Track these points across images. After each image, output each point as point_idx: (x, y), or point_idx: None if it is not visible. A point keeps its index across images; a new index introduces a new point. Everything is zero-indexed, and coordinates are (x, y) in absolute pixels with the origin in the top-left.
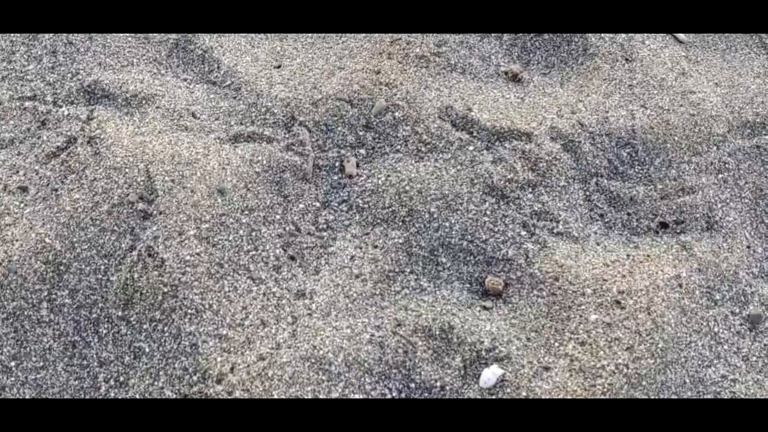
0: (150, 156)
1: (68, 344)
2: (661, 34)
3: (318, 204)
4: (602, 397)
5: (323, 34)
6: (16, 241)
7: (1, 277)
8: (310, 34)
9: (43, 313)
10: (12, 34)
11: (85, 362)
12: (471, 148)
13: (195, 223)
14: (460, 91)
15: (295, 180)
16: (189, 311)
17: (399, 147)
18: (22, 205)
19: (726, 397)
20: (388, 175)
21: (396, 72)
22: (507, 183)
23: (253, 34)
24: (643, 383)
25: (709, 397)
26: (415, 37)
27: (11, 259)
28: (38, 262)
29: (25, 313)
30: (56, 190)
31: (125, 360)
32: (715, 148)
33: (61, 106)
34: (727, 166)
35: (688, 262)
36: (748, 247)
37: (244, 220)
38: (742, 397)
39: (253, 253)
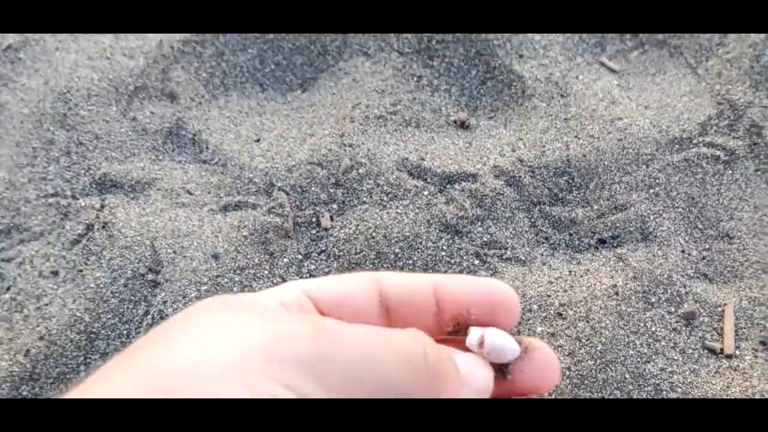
0: (154, 233)
1: None
2: (595, 67)
3: (300, 256)
4: (549, 397)
5: (296, 107)
6: (53, 317)
7: (46, 348)
8: (285, 108)
9: (82, 376)
10: (33, 142)
11: None
12: (426, 192)
13: (195, 286)
14: (415, 143)
15: (278, 238)
16: None
17: (365, 199)
18: (55, 286)
19: (666, 387)
20: (357, 225)
21: (357, 133)
22: (459, 220)
23: (235, 113)
24: (586, 382)
25: (649, 389)
26: (374, 100)
27: (51, 333)
28: (73, 333)
29: (68, 376)
30: (81, 271)
31: None
32: (644, 166)
33: (78, 199)
34: (657, 181)
35: (624, 272)
36: (683, 251)
37: (236, 279)
38: (679, 385)
39: None
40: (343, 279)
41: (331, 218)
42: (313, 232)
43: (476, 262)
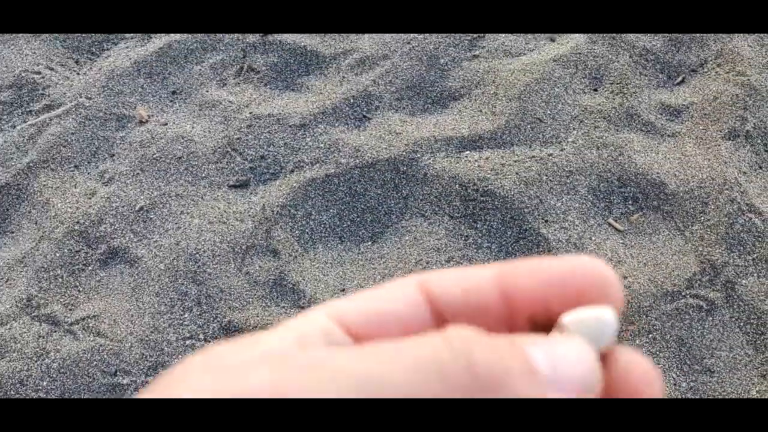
0: None
1: None
2: (604, 227)
3: None
4: None
5: (369, 258)
6: None
7: None
8: (360, 259)
9: None
10: (170, 294)
11: None
12: None
13: None
14: None
15: None
16: None
17: None
18: None
19: None
20: None
21: None
22: None
23: (322, 264)
24: None
25: None
26: (432, 257)
27: None
28: None
29: None
30: None
31: None
32: (644, 316)
33: (210, 341)
34: (655, 327)
35: None
36: (675, 384)
37: None
38: None
39: None
40: (380, 291)
41: None
42: None
43: None
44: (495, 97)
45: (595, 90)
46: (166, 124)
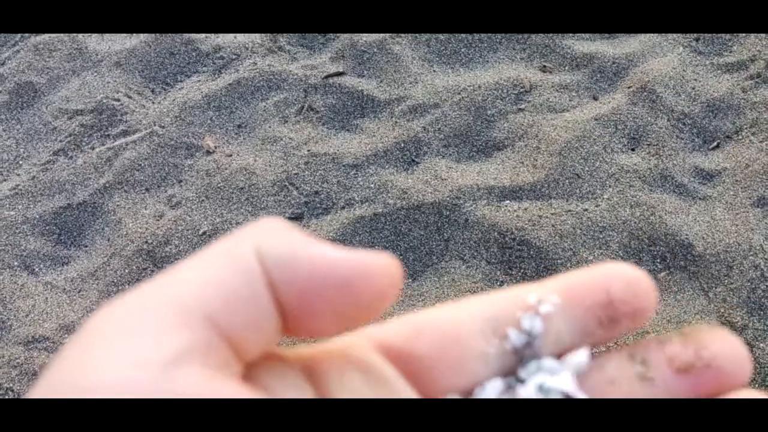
0: None
1: None
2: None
3: None
4: None
5: (409, 294)
6: None
7: None
8: (401, 297)
9: None
10: None
11: None
12: None
13: None
14: None
15: None
16: None
17: None
18: None
19: None
20: None
21: None
22: None
23: None
24: None
25: None
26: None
27: None
28: None
29: None
30: None
31: None
32: None
33: None
34: None
35: None
36: None
37: None
38: None
39: None
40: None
41: None
42: None
43: None
44: (537, 151)
45: (633, 150)
46: (231, 155)
